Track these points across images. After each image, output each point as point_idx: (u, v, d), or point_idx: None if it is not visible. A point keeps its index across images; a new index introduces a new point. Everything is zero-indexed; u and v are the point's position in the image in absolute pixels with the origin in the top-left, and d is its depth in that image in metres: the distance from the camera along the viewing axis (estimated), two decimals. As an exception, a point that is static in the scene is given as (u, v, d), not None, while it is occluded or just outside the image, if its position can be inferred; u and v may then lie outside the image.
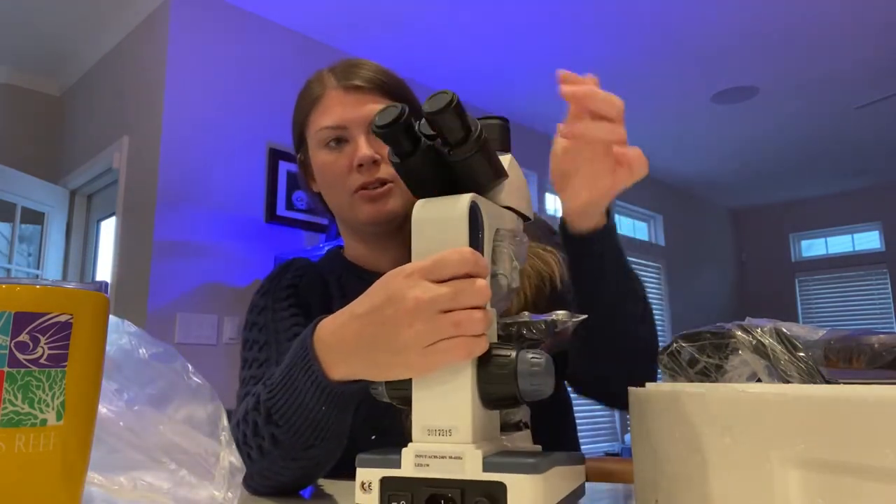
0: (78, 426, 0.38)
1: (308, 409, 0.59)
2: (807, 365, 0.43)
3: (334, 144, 0.83)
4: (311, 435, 0.61)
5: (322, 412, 0.59)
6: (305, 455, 0.63)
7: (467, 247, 0.48)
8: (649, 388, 0.48)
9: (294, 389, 0.60)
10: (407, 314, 0.47)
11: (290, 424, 0.61)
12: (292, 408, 0.60)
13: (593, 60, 3.58)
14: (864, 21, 3.22)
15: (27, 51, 3.34)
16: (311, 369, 0.58)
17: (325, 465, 0.66)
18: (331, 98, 0.84)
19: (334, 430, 0.61)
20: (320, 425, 0.60)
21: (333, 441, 0.63)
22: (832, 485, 0.36)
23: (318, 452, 0.63)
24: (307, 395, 0.59)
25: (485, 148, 0.50)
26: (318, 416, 0.59)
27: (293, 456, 0.63)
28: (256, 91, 2.96)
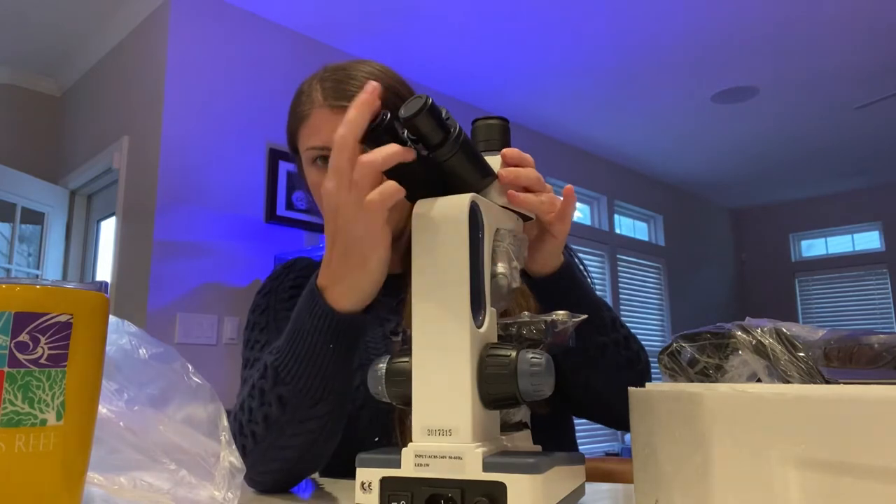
0: (78, 426, 0.38)
1: (315, 353, 0.62)
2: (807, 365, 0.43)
3: (321, 163, 0.82)
4: (317, 386, 0.63)
5: (329, 351, 0.62)
6: (312, 414, 0.64)
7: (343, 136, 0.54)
8: (649, 388, 0.48)
9: (301, 339, 0.63)
10: (342, 211, 0.56)
11: (297, 377, 0.63)
12: (300, 358, 0.63)
13: (593, 61, 3.58)
14: (864, 21, 3.22)
15: (27, 51, 3.35)
16: (316, 307, 0.62)
17: (329, 436, 0.67)
18: (317, 117, 0.82)
19: (340, 380, 0.64)
20: (327, 372, 0.63)
21: (338, 397, 0.65)
22: (832, 485, 0.36)
23: (323, 410, 0.64)
24: (315, 337, 0.62)
25: (465, 149, 0.51)
26: (325, 360, 0.62)
27: (299, 417, 0.64)
28: (256, 91, 2.96)
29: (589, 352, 0.74)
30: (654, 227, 5.74)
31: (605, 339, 0.75)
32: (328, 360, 0.63)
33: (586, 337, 0.73)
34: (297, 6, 3.00)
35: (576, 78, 3.77)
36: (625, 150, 4.97)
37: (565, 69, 3.67)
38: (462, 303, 0.47)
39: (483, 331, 0.49)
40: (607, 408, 0.80)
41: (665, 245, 5.68)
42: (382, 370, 0.51)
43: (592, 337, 0.74)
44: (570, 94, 3.95)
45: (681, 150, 5.02)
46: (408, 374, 0.49)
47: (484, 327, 0.49)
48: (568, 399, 0.85)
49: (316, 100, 0.83)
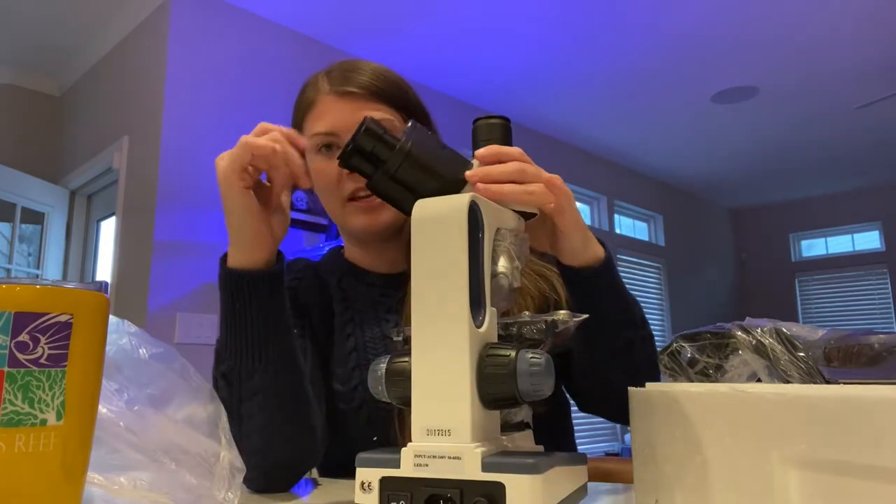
0: (78, 426, 0.38)
1: (233, 320, 0.67)
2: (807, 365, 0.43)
3: (326, 150, 0.83)
4: (248, 355, 0.66)
5: (239, 311, 0.66)
6: (254, 387, 0.67)
7: None
8: (649, 388, 0.48)
9: (222, 314, 0.68)
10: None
11: (230, 351, 0.67)
12: (225, 331, 0.68)
13: (593, 61, 3.58)
14: (864, 21, 3.22)
15: (27, 51, 3.35)
16: (220, 276, 0.68)
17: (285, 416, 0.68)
18: (324, 103, 0.83)
19: (268, 346, 0.67)
20: (251, 338, 0.66)
21: (273, 367, 0.67)
22: (832, 485, 0.36)
23: (261, 382, 0.67)
24: (227, 305, 0.67)
25: (413, 162, 0.55)
26: (241, 324, 0.66)
27: (245, 393, 0.67)
28: (256, 91, 2.96)
29: (616, 346, 0.72)
30: (654, 227, 5.74)
31: (633, 336, 0.73)
32: (244, 319, 0.66)
33: (614, 332, 0.71)
34: (297, 6, 3.00)
35: (576, 78, 3.77)
36: (625, 150, 4.97)
37: (565, 69, 3.67)
38: (461, 303, 0.47)
39: (483, 331, 0.49)
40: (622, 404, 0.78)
41: (665, 245, 5.68)
42: (382, 370, 0.51)
43: (621, 332, 0.72)
44: (570, 94, 3.95)
45: (681, 150, 5.02)
46: (407, 374, 0.49)
47: (484, 327, 0.49)
48: (579, 395, 0.84)
49: (322, 88, 0.84)
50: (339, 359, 0.84)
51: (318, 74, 0.87)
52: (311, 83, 0.86)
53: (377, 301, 0.88)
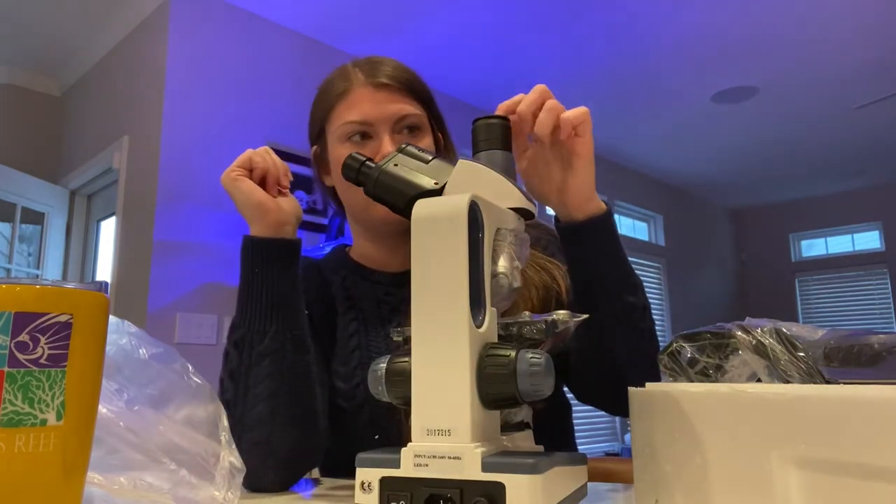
0: (78, 426, 0.38)
1: (250, 286, 0.72)
2: (807, 365, 0.43)
3: (358, 139, 0.83)
4: (260, 317, 0.71)
5: (257, 276, 0.72)
6: (264, 350, 0.70)
7: None
8: (649, 388, 0.48)
9: (241, 285, 0.73)
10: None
11: (243, 317, 0.72)
12: (242, 301, 0.73)
13: (593, 61, 3.58)
14: (864, 21, 3.22)
15: (27, 51, 3.35)
16: (241, 247, 0.75)
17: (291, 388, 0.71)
18: (358, 94, 0.84)
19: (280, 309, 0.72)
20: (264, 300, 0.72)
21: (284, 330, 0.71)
22: (832, 485, 0.36)
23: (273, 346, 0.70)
24: (246, 274, 0.73)
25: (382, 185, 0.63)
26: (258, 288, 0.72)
27: (255, 357, 0.70)
28: (256, 91, 2.96)
29: (615, 309, 0.70)
30: (654, 227, 5.74)
31: (634, 301, 0.72)
32: (260, 286, 0.72)
33: (615, 295, 0.70)
34: (297, 6, 3.00)
35: (576, 78, 3.77)
36: (625, 150, 4.97)
37: (565, 69, 3.67)
38: (461, 303, 0.47)
39: (483, 331, 0.49)
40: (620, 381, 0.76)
41: (665, 245, 5.68)
42: (382, 370, 0.51)
43: (622, 296, 0.71)
44: (570, 94, 3.95)
45: (681, 150, 5.02)
46: (407, 374, 0.49)
47: (484, 327, 0.49)
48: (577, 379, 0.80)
49: (356, 79, 0.86)
50: (342, 357, 0.84)
51: (346, 66, 0.89)
52: (341, 75, 0.88)
53: (381, 300, 0.88)
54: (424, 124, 0.87)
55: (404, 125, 0.84)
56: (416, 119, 0.85)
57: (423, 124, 0.86)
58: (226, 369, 0.72)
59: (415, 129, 0.85)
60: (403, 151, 0.66)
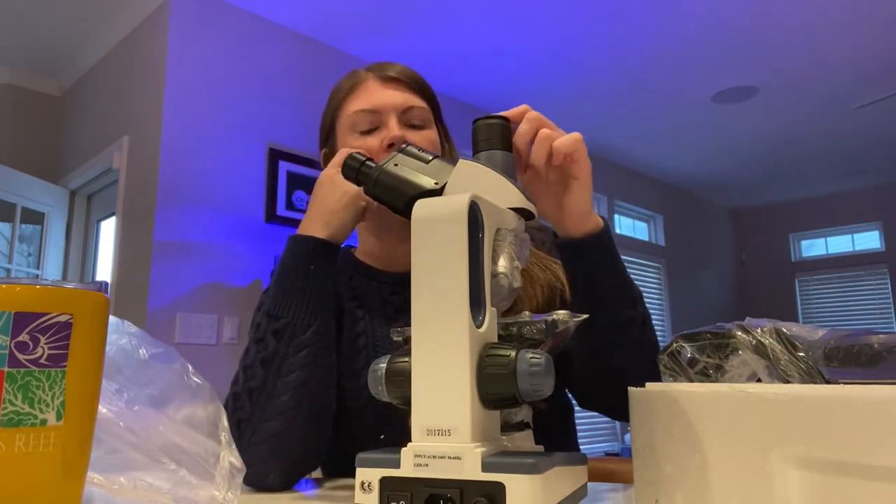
0: (78, 426, 0.38)
1: (300, 279, 0.74)
2: (807, 365, 0.43)
3: (366, 128, 0.86)
4: (306, 309, 0.73)
5: (311, 273, 0.75)
6: (305, 342, 0.72)
7: None
8: (649, 388, 0.48)
9: (287, 274, 0.75)
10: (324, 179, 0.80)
11: (288, 308, 0.73)
12: (288, 291, 0.74)
13: (593, 61, 3.58)
14: (864, 21, 3.22)
15: (27, 51, 3.35)
16: (297, 243, 0.77)
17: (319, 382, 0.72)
18: (367, 86, 0.88)
19: (324, 305, 0.75)
20: (312, 294, 0.74)
21: (325, 325, 0.74)
22: (832, 485, 0.36)
23: (314, 338, 0.72)
24: (299, 267, 0.75)
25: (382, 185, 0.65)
26: (309, 283, 0.74)
27: (295, 346, 0.72)
28: (256, 91, 2.96)
29: (615, 325, 0.72)
30: (654, 227, 5.74)
31: (633, 314, 0.73)
32: (311, 282, 0.74)
33: (614, 310, 0.71)
34: (297, 6, 3.00)
35: (576, 78, 3.77)
36: (625, 150, 4.97)
37: (565, 69, 3.67)
38: (461, 302, 0.47)
39: (483, 330, 0.49)
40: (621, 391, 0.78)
41: (665, 245, 5.68)
42: (382, 370, 0.51)
43: (620, 310, 0.72)
44: (569, 95, 3.95)
45: (681, 150, 5.02)
46: (407, 374, 0.49)
47: (484, 327, 0.49)
48: (578, 387, 0.83)
49: (365, 75, 0.89)
50: (349, 356, 0.84)
51: (354, 70, 0.92)
52: (351, 74, 0.91)
53: (387, 299, 0.89)
54: (430, 120, 0.89)
55: (411, 118, 0.87)
56: (422, 113, 0.88)
57: (428, 119, 0.89)
58: (257, 357, 0.73)
59: (420, 125, 0.87)
60: (404, 151, 0.66)
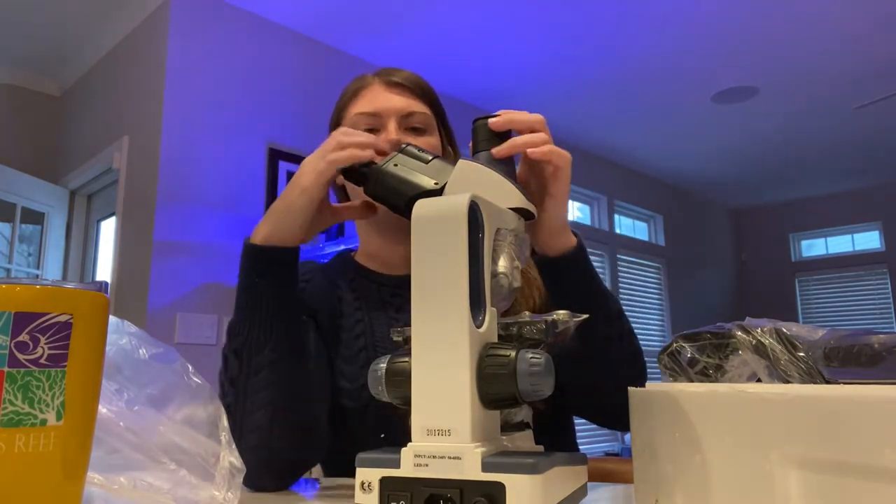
0: (78, 426, 0.38)
1: (249, 294, 0.71)
2: (807, 365, 0.43)
3: (364, 130, 0.85)
4: (260, 327, 0.70)
5: (256, 285, 0.71)
6: (263, 361, 0.70)
7: None
8: (649, 388, 0.48)
9: (239, 290, 0.72)
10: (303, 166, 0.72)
11: (243, 326, 0.71)
12: (241, 308, 0.72)
13: (593, 60, 3.58)
14: (864, 21, 3.22)
15: (27, 51, 3.34)
16: (242, 252, 0.73)
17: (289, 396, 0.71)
18: (371, 90, 0.89)
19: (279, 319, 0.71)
20: (264, 310, 0.70)
21: (282, 341, 0.71)
22: (832, 485, 0.36)
23: (271, 356, 0.70)
24: (245, 280, 0.72)
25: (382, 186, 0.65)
26: (258, 297, 0.71)
27: (255, 366, 0.70)
28: (256, 91, 2.96)
29: (595, 343, 0.73)
30: (654, 227, 5.74)
31: (612, 331, 0.73)
32: (259, 295, 0.71)
33: (593, 327, 0.70)
34: (297, 6, 3.00)
35: (576, 78, 3.77)
36: (625, 150, 4.97)
37: (566, 69, 3.67)
38: (461, 303, 0.47)
39: (483, 331, 0.49)
40: (602, 405, 0.80)
41: (665, 245, 5.68)
42: (382, 370, 0.51)
43: (600, 327, 0.72)
44: (570, 94, 3.95)
45: (681, 150, 5.02)
46: (407, 374, 0.49)
47: (484, 327, 0.49)
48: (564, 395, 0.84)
49: (370, 80, 0.90)
50: (348, 357, 0.84)
51: (361, 75, 0.93)
52: (358, 78, 0.92)
53: (388, 301, 0.89)
54: (432, 125, 0.89)
55: (412, 122, 0.87)
56: (424, 118, 0.88)
57: (430, 125, 0.89)
58: (226, 375, 0.72)
59: (422, 129, 0.87)
60: (403, 151, 0.66)
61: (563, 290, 0.73)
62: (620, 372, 0.74)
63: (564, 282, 0.72)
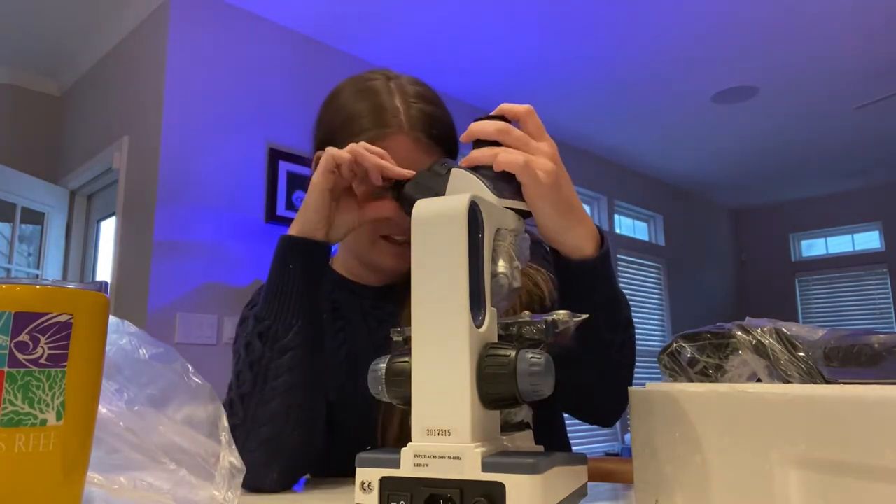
0: (78, 426, 0.38)
1: (281, 279, 0.73)
2: (807, 365, 0.43)
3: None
4: (289, 311, 0.72)
5: (290, 272, 0.73)
6: (289, 344, 0.71)
7: None
8: (649, 388, 0.48)
9: (271, 278, 0.74)
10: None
11: (271, 310, 0.72)
12: (271, 294, 0.73)
13: (592, 60, 3.58)
14: (864, 21, 3.22)
15: (27, 51, 3.34)
16: (277, 245, 0.74)
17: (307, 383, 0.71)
18: (398, 142, 0.80)
19: (307, 305, 0.73)
20: (294, 294, 0.72)
21: (308, 324, 0.72)
22: (832, 485, 0.36)
23: (298, 339, 0.71)
24: (279, 267, 0.73)
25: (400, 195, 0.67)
26: (289, 283, 0.72)
27: (279, 348, 0.71)
28: (256, 91, 2.96)
29: (593, 346, 0.70)
30: (654, 227, 5.74)
31: (613, 338, 0.72)
32: (290, 282, 0.72)
33: (594, 332, 0.69)
34: (297, 6, 3.00)
35: (576, 78, 3.77)
36: (625, 150, 4.97)
37: (565, 69, 3.67)
38: (461, 302, 0.47)
39: (483, 330, 0.49)
40: (592, 404, 0.80)
41: (665, 245, 5.68)
42: (382, 370, 0.51)
43: (601, 334, 0.70)
44: (570, 95, 3.95)
45: (681, 150, 5.02)
46: (407, 374, 0.49)
47: (484, 327, 0.49)
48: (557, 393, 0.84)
49: (398, 123, 0.81)
50: (331, 368, 0.84)
51: (390, 90, 0.84)
52: (387, 103, 0.83)
53: (368, 312, 0.89)
54: None
55: None
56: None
57: None
58: (246, 360, 0.72)
59: None
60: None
61: (569, 296, 0.70)
62: (610, 374, 0.73)
63: (571, 287, 0.70)
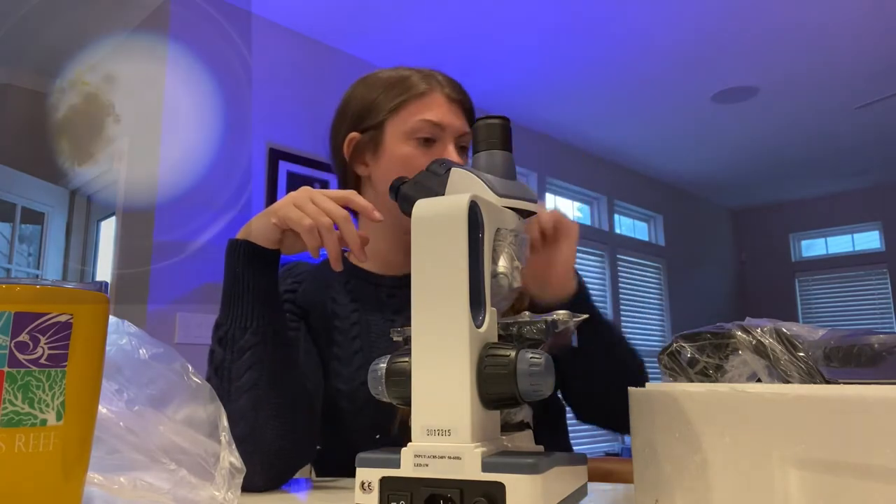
0: (78, 426, 0.38)
1: (233, 284, 0.74)
2: (807, 365, 0.43)
3: (423, 144, 0.87)
4: (242, 314, 0.73)
5: (239, 275, 0.74)
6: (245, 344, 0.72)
7: None
8: (649, 388, 0.48)
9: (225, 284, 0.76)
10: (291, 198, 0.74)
11: (227, 315, 0.74)
12: (225, 299, 0.75)
13: (592, 60, 3.58)
14: (864, 21, 3.22)
15: (27, 51, 3.34)
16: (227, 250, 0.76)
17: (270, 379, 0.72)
18: (437, 98, 0.89)
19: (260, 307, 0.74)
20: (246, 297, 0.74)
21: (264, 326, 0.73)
22: (832, 485, 0.36)
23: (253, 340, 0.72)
24: (230, 273, 0.75)
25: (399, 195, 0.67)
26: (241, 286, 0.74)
27: (237, 350, 0.72)
28: (256, 91, 2.96)
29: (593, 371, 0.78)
30: (654, 227, 5.74)
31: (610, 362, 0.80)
32: (240, 285, 0.74)
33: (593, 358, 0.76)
34: (297, 6, 3.00)
35: (576, 78, 3.77)
36: (625, 150, 4.96)
37: (566, 69, 3.67)
38: (461, 303, 0.47)
39: (483, 331, 0.49)
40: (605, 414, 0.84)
41: (665, 245, 5.68)
42: (382, 370, 0.51)
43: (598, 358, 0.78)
44: (570, 95, 3.95)
45: (681, 150, 5.02)
46: (407, 374, 0.49)
47: (484, 327, 0.49)
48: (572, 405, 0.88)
49: (437, 84, 0.90)
50: (344, 359, 0.84)
51: (419, 70, 0.94)
52: (420, 76, 0.92)
53: (384, 302, 0.89)
54: (469, 146, 0.92)
55: (462, 142, 0.90)
56: (468, 140, 0.90)
57: (468, 146, 0.91)
58: (211, 367, 0.75)
59: (465, 149, 0.90)
60: None
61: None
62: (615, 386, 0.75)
63: None
